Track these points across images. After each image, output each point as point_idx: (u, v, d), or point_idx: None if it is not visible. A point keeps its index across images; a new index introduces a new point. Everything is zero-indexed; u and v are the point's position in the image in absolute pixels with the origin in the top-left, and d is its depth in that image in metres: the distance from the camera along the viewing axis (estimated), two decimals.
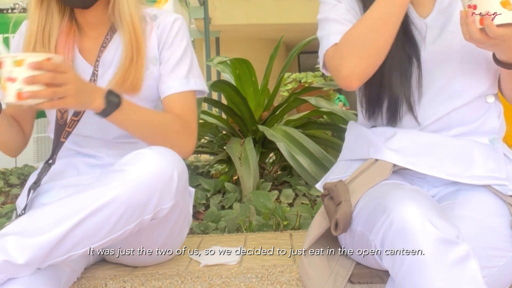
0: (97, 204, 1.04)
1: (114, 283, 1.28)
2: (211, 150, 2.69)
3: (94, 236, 1.06)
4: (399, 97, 1.15)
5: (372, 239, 0.99)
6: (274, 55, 2.75)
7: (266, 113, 2.68)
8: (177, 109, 1.29)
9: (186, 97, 1.31)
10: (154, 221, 1.15)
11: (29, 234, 1.01)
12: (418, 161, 1.13)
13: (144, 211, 1.09)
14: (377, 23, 1.08)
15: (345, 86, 1.12)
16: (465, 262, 0.88)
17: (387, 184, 1.10)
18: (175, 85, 1.30)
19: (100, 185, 1.07)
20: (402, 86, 1.14)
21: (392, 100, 1.16)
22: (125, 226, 1.08)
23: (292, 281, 1.27)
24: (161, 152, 1.13)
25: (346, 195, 1.08)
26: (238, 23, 9.53)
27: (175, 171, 1.12)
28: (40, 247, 1.01)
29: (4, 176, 3.08)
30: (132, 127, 1.21)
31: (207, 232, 1.77)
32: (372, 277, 1.13)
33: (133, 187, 1.06)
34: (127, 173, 1.07)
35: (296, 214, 1.78)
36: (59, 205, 1.06)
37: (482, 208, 1.07)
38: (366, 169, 1.15)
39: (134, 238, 1.18)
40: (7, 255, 0.99)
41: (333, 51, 1.13)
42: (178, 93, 1.30)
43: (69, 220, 1.03)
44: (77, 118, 1.28)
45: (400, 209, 0.93)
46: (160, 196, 1.10)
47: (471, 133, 1.17)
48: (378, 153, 1.16)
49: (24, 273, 1.01)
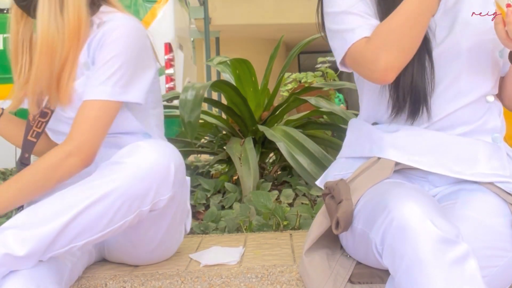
0: (96, 195, 1.07)
1: (114, 283, 1.28)
2: (211, 150, 2.69)
3: (94, 227, 1.08)
4: (421, 90, 1.14)
5: (372, 237, 0.99)
6: (274, 55, 2.75)
7: (266, 113, 2.68)
8: (79, 119, 1.21)
9: (94, 106, 1.21)
10: (153, 213, 1.18)
11: (29, 226, 1.04)
12: (422, 159, 1.14)
13: (142, 202, 1.12)
14: (415, 16, 1.08)
15: (381, 80, 1.10)
16: (464, 261, 0.89)
17: (388, 182, 1.10)
18: (88, 91, 1.22)
19: (98, 177, 1.10)
20: (422, 80, 1.14)
21: (415, 94, 1.15)
22: (124, 218, 1.11)
23: (292, 281, 1.27)
24: (158, 144, 1.17)
25: (347, 193, 1.08)
26: (238, 23, 9.54)
27: (172, 163, 1.16)
28: (40, 239, 1.03)
29: (4, 176, 3.08)
30: (10, 206, 1.17)
31: (207, 232, 1.77)
32: (372, 277, 1.13)
33: (131, 179, 1.09)
34: (126, 165, 1.11)
35: (296, 214, 1.78)
36: (58, 197, 1.09)
37: (483, 208, 1.07)
38: (368, 168, 1.15)
39: (134, 231, 1.21)
40: (8, 248, 1.01)
41: (364, 44, 1.11)
42: (91, 101, 1.21)
43: (68, 211, 1.05)
44: (44, 120, 1.30)
45: (400, 207, 0.93)
46: (157, 187, 1.13)
47: (474, 132, 1.17)
48: (381, 151, 1.16)
49: (26, 265, 1.03)
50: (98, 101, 1.21)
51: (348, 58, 1.15)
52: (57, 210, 1.06)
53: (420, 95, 1.14)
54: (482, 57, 1.17)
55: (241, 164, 2.12)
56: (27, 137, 1.31)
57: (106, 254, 1.40)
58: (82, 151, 1.19)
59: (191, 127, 2.09)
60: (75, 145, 1.19)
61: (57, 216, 1.05)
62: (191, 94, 2.15)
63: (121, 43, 1.23)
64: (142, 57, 1.27)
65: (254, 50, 9.88)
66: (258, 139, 2.52)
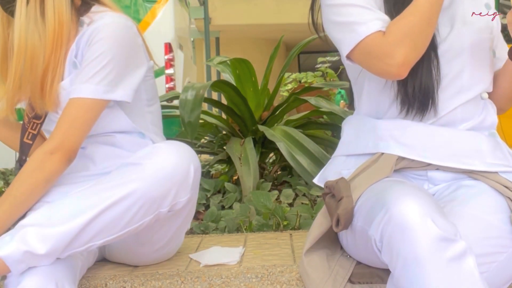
0: (116, 197, 1.07)
1: (114, 283, 1.28)
2: (211, 150, 2.69)
3: (113, 228, 1.09)
4: (430, 86, 1.15)
5: (371, 234, 0.99)
6: (274, 55, 2.75)
7: (266, 113, 2.68)
8: (61, 117, 1.22)
9: (77, 104, 1.21)
10: (168, 214, 1.18)
11: (50, 224, 1.05)
12: (433, 154, 1.15)
13: (161, 204, 1.12)
14: (429, 13, 1.09)
15: (396, 74, 1.10)
16: (462, 259, 0.89)
17: (388, 180, 1.10)
18: (73, 89, 1.22)
19: (118, 178, 1.10)
20: (430, 76, 1.15)
21: (424, 90, 1.15)
22: (143, 219, 1.11)
23: (292, 281, 1.27)
24: (177, 146, 1.16)
25: (347, 190, 1.08)
26: (238, 23, 9.54)
27: (192, 165, 1.15)
28: (61, 237, 1.04)
29: (4, 176, 3.08)
30: (10, 220, 1.17)
31: (207, 232, 1.77)
32: (372, 277, 1.14)
33: (151, 181, 1.09)
34: (145, 167, 1.10)
35: (296, 214, 1.78)
36: (79, 197, 1.09)
37: (482, 205, 1.07)
38: (369, 167, 1.15)
39: (145, 230, 1.20)
40: (28, 245, 1.02)
41: (381, 38, 1.10)
42: (74, 99, 1.21)
43: (89, 211, 1.06)
44: (39, 121, 1.30)
45: (398, 205, 0.93)
46: (177, 190, 1.13)
47: (475, 129, 1.19)
48: (388, 148, 1.17)
49: (45, 262, 1.05)
50: (81, 99, 1.21)
51: (359, 51, 1.13)
52: (78, 209, 1.06)
53: (429, 91, 1.15)
54: (482, 54, 1.19)
55: (241, 164, 2.12)
56: (23, 139, 1.31)
57: (107, 253, 1.40)
58: (63, 148, 1.19)
59: (191, 127, 2.09)
60: (56, 143, 1.19)
61: (78, 215, 1.06)
62: (191, 94, 2.15)
63: (109, 41, 1.22)
64: (131, 56, 1.27)
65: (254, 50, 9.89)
66: (258, 139, 2.52)
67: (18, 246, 1.02)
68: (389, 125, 1.20)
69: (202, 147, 2.77)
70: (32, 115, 1.30)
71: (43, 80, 1.23)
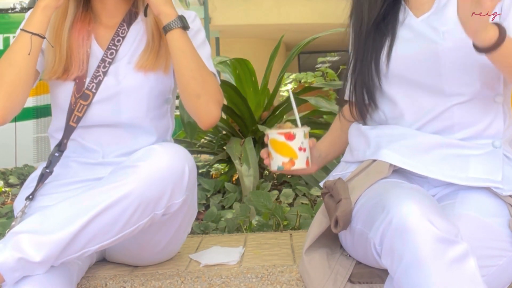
0: (111, 200, 1.05)
1: (114, 283, 1.28)
2: (211, 150, 2.69)
3: (108, 232, 1.07)
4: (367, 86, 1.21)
5: (371, 237, 0.99)
6: (274, 55, 2.75)
7: (266, 113, 2.68)
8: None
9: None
10: (164, 217, 1.17)
11: (44, 231, 1.02)
12: (415, 162, 1.13)
13: (156, 206, 1.11)
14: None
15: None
16: (463, 260, 0.89)
17: (386, 182, 1.10)
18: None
19: (113, 181, 1.09)
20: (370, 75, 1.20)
21: (364, 92, 1.21)
22: (138, 222, 1.10)
23: (292, 281, 1.27)
24: (172, 147, 1.15)
25: (345, 192, 1.08)
26: (238, 23, 9.53)
27: (186, 166, 1.14)
28: (56, 244, 1.02)
29: (4, 176, 3.08)
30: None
31: (207, 232, 1.77)
32: (372, 277, 1.13)
33: (146, 183, 1.08)
34: (140, 169, 1.09)
35: (296, 214, 1.79)
36: (73, 202, 1.07)
37: (481, 207, 1.07)
38: (366, 168, 1.15)
39: (142, 234, 1.19)
40: (22, 252, 0.99)
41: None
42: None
43: (83, 216, 1.04)
44: (86, 103, 1.27)
45: (399, 207, 0.93)
46: (172, 191, 1.12)
47: (473, 138, 1.14)
48: (376, 154, 1.16)
49: (39, 271, 1.02)
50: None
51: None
52: (72, 215, 1.04)
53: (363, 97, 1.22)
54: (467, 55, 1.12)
55: (241, 164, 2.12)
56: (68, 122, 1.28)
57: (107, 254, 1.39)
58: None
59: (191, 127, 2.09)
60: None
61: (72, 221, 1.03)
62: None
63: (202, 29, 1.37)
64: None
65: (254, 50, 9.87)
66: (258, 139, 2.52)
67: (11, 253, 0.99)
68: (377, 131, 1.20)
69: (202, 147, 2.77)
70: (79, 95, 1.27)
71: None
